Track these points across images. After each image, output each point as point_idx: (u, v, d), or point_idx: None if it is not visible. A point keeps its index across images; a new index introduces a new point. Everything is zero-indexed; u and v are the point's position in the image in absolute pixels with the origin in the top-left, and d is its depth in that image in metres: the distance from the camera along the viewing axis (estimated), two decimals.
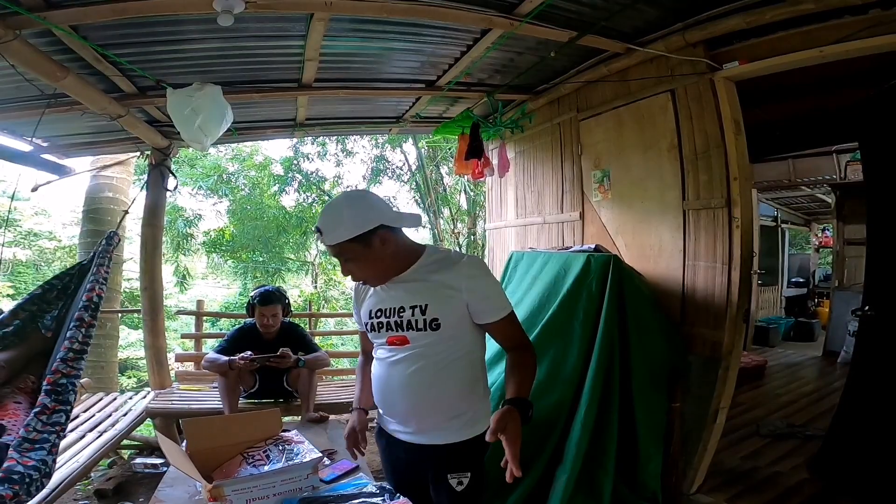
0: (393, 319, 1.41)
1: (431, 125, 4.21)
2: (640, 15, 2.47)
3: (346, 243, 1.32)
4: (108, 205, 5.39)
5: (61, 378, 1.79)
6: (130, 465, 3.43)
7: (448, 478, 1.42)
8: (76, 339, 1.89)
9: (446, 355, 1.40)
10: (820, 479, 2.61)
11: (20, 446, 1.61)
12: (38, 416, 1.70)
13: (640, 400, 2.47)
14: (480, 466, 1.48)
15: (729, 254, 2.44)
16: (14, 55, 2.02)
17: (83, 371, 1.90)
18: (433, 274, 1.40)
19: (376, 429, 1.63)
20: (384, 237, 1.35)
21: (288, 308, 3.23)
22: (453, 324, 1.38)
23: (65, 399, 1.77)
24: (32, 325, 2.24)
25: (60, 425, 1.74)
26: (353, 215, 1.32)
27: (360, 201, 1.38)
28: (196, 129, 2.51)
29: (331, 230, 1.33)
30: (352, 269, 1.39)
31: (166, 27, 2.27)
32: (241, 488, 1.45)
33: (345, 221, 1.32)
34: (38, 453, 1.62)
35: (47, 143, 3.58)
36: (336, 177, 10.69)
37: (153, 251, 3.88)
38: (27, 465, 1.57)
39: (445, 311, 1.37)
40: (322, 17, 2.22)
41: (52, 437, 1.69)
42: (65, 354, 1.84)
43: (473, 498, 1.46)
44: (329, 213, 1.37)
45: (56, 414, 1.74)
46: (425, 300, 1.37)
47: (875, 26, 1.92)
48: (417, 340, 1.39)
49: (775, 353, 5.96)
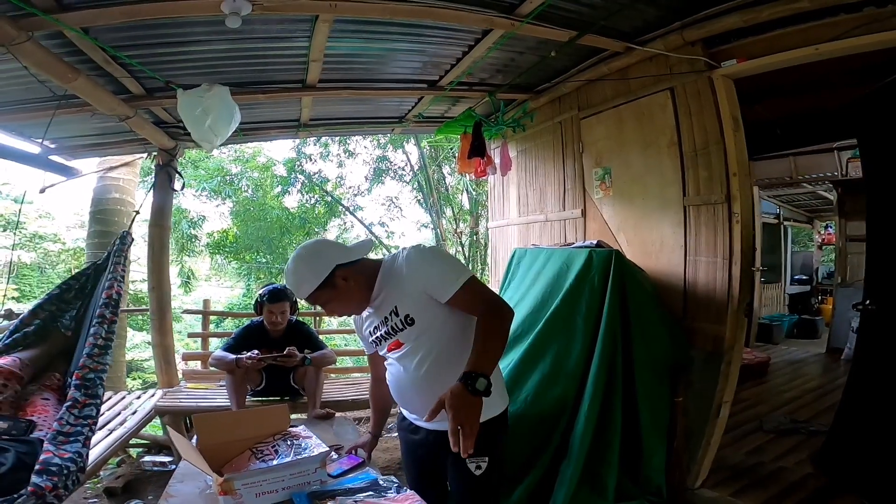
0: (383, 331, 1.55)
1: (434, 125, 4.25)
2: (639, 14, 2.50)
3: (315, 292, 1.49)
4: (115, 206, 5.43)
5: (89, 373, 1.85)
6: (139, 464, 3.47)
7: (466, 462, 1.46)
8: (100, 335, 1.95)
9: (443, 342, 1.47)
10: (824, 474, 2.62)
11: (55, 439, 1.66)
12: (69, 410, 1.75)
13: (643, 394, 2.49)
14: (498, 450, 1.53)
15: (729, 249, 2.46)
16: (27, 57, 2.05)
17: (109, 366, 1.95)
18: (389, 281, 1.52)
19: (398, 417, 1.72)
20: (344, 275, 1.50)
21: (295, 306, 3.26)
22: (425, 312, 1.46)
23: (94, 393, 1.83)
24: (53, 325, 2.30)
25: (92, 418, 1.80)
26: (309, 268, 1.49)
27: (311, 254, 1.53)
28: (207, 128, 2.56)
29: (298, 287, 1.52)
30: (333, 308, 1.57)
31: (174, 29, 2.30)
32: (251, 482, 1.48)
33: (305, 277, 1.49)
34: (73, 446, 1.67)
35: (55, 145, 3.61)
36: (339, 177, 10.73)
37: (160, 251, 3.92)
38: (63, 457, 1.62)
39: (411, 304, 1.47)
40: (327, 18, 2.26)
41: (86, 430, 1.75)
42: (90, 350, 1.90)
43: (491, 482, 1.50)
44: (291, 275, 1.53)
45: (87, 407, 1.80)
46: (394, 303, 1.49)
47: (869, 24, 1.95)
48: (407, 339, 1.50)
49: (779, 350, 5.97)
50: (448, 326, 1.47)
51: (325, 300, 1.52)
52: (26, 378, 2.14)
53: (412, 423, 1.61)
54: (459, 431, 1.13)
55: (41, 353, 2.19)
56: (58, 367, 2.18)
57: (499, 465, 1.52)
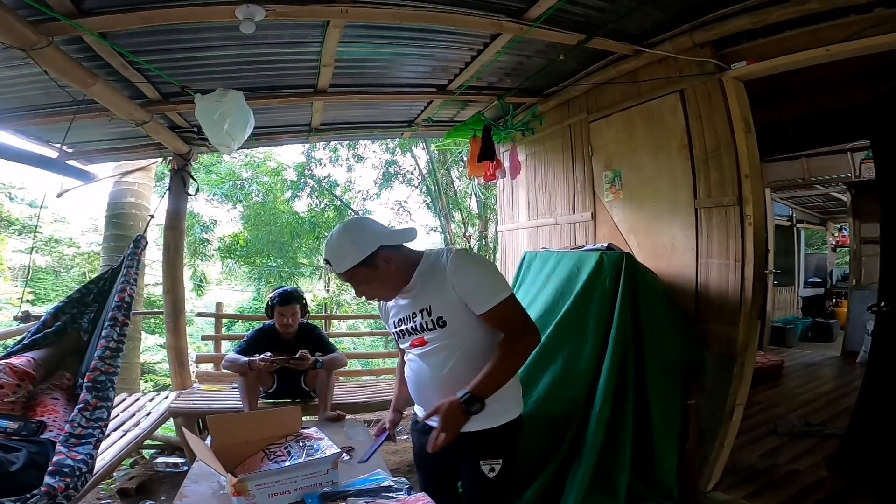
0: (409, 325, 1.53)
1: (443, 129, 4.27)
2: (648, 17, 2.50)
3: (354, 269, 1.44)
4: (131, 210, 5.52)
5: (101, 375, 1.88)
6: (152, 465, 3.51)
7: (480, 464, 1.47)
8: (111, 337, 1.97)
9: (467, 346, 1.46)
10: (840, 477, 2.58)
11: (67, 441, 1.69)
12: (81, 413, 1.78)
13: (654, 396, 2.49)
14: (512, 453, 1.53)
15: (742, 251, 2.45)
16: (47, 62, 2.09)
17: (120, 368, 1.98)
18: (429, 277, 1.49)
19: (412, 419, 1.72)
20: (386, 256, 1.46)
21: (306, 308, 3.28)
22: (458, 318, 1.45)
23: (105, 395, 1.86)
24: (73, 327, 2.34)
25: (103, 421, 1.83)
26: (354, 242, 1.44)
27: (358, 228, 1.49)
28: (224, 133, 2.60)
29: (338, 260, 1.45)
30: (364, 290, 1.51)
31: (190, 34, 2.35)
32: (264, 482, 1.49)
33: (348, 250, 1.44)
34: (84, 448, 1.70)
35: (72, 150, 3.68)
36: (348, 181, 10.79)
37: (175, 255, 3.97)
38: (76, 458, 1.65)
39: (445, 308, 1.45)
40: (338, 24, 2.29)
41: (97, 432, 1.78)
42: (102, 353, 1.92)
43: (505, 484, 1.51)
44: (333, 246, 1.48)
45: (98, 410, 1.82)
46: (428, 302, 1.47)
47: (880, 24, 1.94)
48: (434, 340, 1.49)
49: (792, 353, 5.89)
50: (476, 334, 1.47)
51: (361, 279, 1.47)
52: (38, 378, 2.17)
53: (426, 425, 1.61)
54: (441, 435, 1.33)
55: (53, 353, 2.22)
56: (68, 366, 2.21)
57: (512, 469, 1.52)
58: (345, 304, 11.32)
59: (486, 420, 1.45)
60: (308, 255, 11.49)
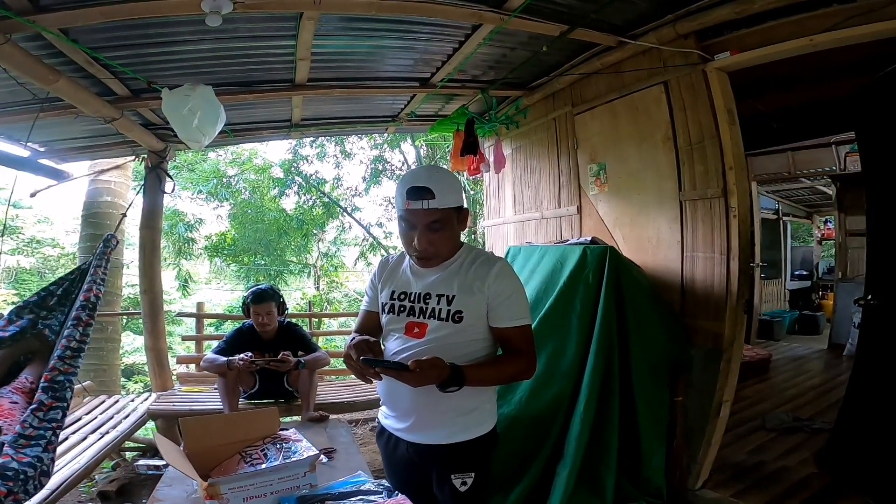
0: (417, 305, 1.41)
1: (427, 123, 4.21)
2: (631, 7, 2.46)
3: (452, 210, 1.33)
4: (107, 209, 5.40)
5: (58, 375, 1.80)
6: (133, 467, 3.44)
7: (452, 478, 1.40)
8: (73, 337, 1.90)
9: (461, 350, 1.37)
10: (828, 473, 2.58)
11: (15, 443, 1.61)
12: (34, 413, 1.70)
13: (640, 393, 2.46)
14: (486, 466, 1.46)
15: (727, 244, 2.42)
16: (5, 59, 2.02)
17: (80, 369, 1.90)
18: (470, 269, 1.39)
19: (377, 429, 1.62)
20: (466, 216, 1.39)
21: (283, 306, 3.22)
22: (474, 320, 1.38)
23: (61, 396, 1.78)
24: (33, 330, 2.25)
25: (57, 422, 1.75)
26: (458, 187, 1.35)
27: (456, 180, 1.40)
28: (194, 128, 2.53)
29: (444, 193, 1.30)
30: (433, 239, 1.34)
31: (157, 29, 2.27)
32: (237, 486, 1.44)
33: (456, 188, 1.34)
34: (33, 450, 1.62)
35: (44, 148, 3.59)
36: (336, 178, 10.68)
37: (152, 254, 3.89)
38: (22, 461, 1.57)
39: (470, 305, 1.36)
40: (311, 15, 2.22)
41: (49, 433, 1.69)
42: (62, 353, 1.85)
43: (477, 498, 1.44)
44: (438, 177, 1.32)
45: (53, 410, 1.74)
46: (453, 291, 1.37)
47: (863, 14, 1.91)
48: (436, 331, 1.38)
49: (780, 346, 5.93)
50: (479, 343, 1.41)
51: (444, 225, 1.33)
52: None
53: (391, 435, 1.51)
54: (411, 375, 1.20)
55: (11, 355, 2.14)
56: (33, 370, 2.13)
57: (485, 482, 1.46)
58: (335, 302, 11.24)
59: (459, 432, 1.40)
60: (297, 253, 11.37)
